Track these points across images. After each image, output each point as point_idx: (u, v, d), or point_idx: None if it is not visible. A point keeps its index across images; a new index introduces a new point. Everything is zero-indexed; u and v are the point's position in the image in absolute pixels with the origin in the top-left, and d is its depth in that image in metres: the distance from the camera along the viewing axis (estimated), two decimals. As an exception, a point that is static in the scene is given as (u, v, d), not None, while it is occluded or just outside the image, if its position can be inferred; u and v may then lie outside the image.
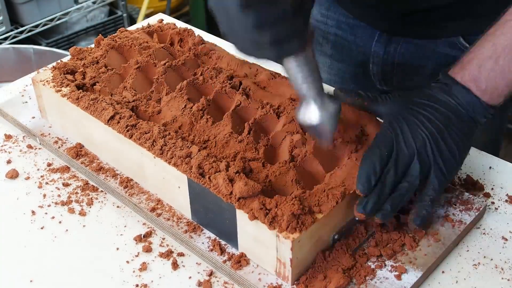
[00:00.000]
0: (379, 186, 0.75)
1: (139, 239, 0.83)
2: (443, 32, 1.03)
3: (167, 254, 0.81)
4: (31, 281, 0.79)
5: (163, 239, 0.83)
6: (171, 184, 0.83)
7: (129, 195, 0.88)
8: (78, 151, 0.95)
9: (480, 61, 0.79)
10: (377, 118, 0.87)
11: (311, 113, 0.76)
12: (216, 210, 0.78)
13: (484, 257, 0.81)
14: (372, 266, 0.77)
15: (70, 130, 0.98)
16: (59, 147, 0.96)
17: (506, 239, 0.83)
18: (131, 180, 0.90)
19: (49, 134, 0.99)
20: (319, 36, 1.18)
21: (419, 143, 0.77)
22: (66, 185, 0.92)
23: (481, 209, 0.84)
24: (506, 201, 0.89)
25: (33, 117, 1.02)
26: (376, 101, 0.86)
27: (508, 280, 0.78)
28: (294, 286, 0.75)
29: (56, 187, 0.92)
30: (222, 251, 0.80)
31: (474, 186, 0.90)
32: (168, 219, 0.84)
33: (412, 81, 1.09)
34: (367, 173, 0.75)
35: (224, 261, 0.78)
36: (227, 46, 1.06)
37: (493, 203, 0.88)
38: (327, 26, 1.16)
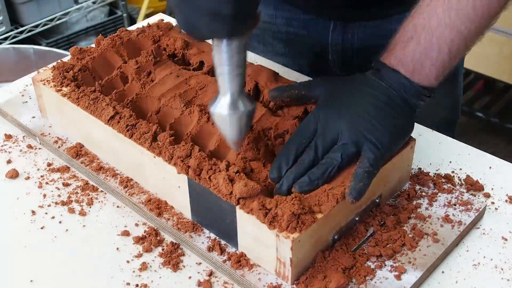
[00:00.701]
0: (295, 167, 0.77)
1: (139, 239, 0.83)
2: (393, 11, 1.05)
3: (167, 254, 0.81)
4: (31, 281, 0.79)
5: (163, 239, 0.83)
6: (171, 184, 0.83)
7: (129, 194, 0.88)
8: (78, 151, 0.95)
9: (404, 43, 0.81)
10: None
11: (225, 107, 0.76)
12: (216, 210, 0.78)
13: (484, 257, 0.81)
14: (372, 266, 0.77)
15: (70, 129, 0.98)
16: (59, 147, 0.96)
17: (506, 239, 0.83)
18: (131, 180, 0.90)
19: (49, 134, 0.99)
20: (269, 37, 1.19)
21: (346, 123, 0.78)
22: (66, 185, 0.92)
23: (480, 209, 0.84)
24: (506, 201, 0.89)
25: (33, 117, 1.02)
26: (310, 86, 0.87)
27: (508, 280, 0.78)
28: (294, 286, 0.75)
29: (56, 187, 0.92)
30: (222, 250, 0.80)
31: (474, 186, 0.90)
32: (168, 219, 0.84)
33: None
34: (279, 164, 0.78)
35: (224, 261, 0.78)
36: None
37: (493, 203, 0.88)
38: (277, 26, 1.17)
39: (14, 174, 0.93)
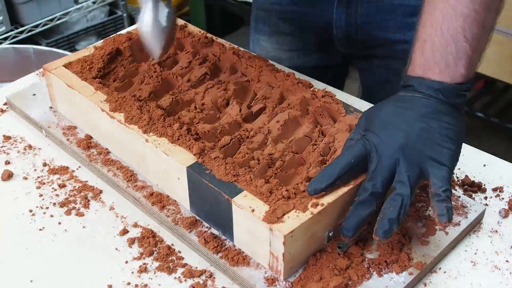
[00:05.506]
0: (358, 209, 0.74)
1: (138, 239, 0.83)
2: None
3: (167, 254, 0.81)
4: (31, 281, 0.79)
5: (163, 239, 0.84)
6: (171, 175, 0.84)
7: (132, 189, 0.88)
8: (88, 143, 0.96)
9: (420, 49, 0.78)
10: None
11: (146, 19, 0.86)
12: (213, 202, 0.79)
13: (481, 255, 0.81)
14: (367, 267, 0.77)
15: (78, 120, 0.99)
16: (67, 139, 0.97)
17: (502, 236, 0.83)
18: (135, 174, 0.91)
19: (57, 127, 1.00)
20: (275, 18, 1.22)
21: (401, 149, 0.73)
22: (64, 186, 0.92)
23: (479, 212, 0.84)
24: (502, 198, 0.89)
25: (43, 112, 1.03)
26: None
27: (507, 278, 0.78)
28: (289, 282, 0.75)
29: (54, 188, 0.92)
30: (220, 247, 0.80)
31: (472, 187, 0.90)
32: (168, 216, 0.84)
33: (376, 38, 1.14)
34: (356, 221, 0.74)
35: (221, 257, 0.79)
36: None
37: (485, 197, 0.89)
38: (281, 6, 1.20)
39: (8, 175, 0.93)
